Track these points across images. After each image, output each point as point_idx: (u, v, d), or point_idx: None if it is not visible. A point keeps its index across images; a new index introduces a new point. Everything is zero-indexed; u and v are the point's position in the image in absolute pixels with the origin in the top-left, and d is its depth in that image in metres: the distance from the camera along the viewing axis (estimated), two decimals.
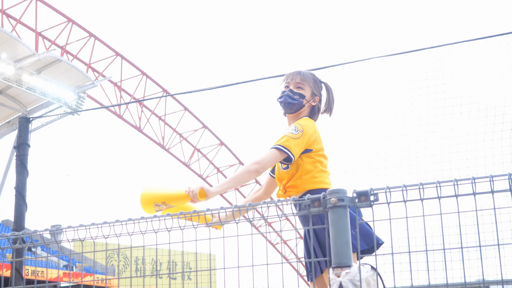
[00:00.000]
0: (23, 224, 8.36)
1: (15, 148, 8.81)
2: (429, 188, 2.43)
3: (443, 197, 2.43)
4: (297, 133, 3.85)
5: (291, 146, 3.80)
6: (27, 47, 24.33)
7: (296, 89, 4.06)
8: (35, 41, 25.80)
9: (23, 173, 8.55)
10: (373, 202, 2.51)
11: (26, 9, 25.31)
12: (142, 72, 30.26)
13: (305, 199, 2.65)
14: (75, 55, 27.52)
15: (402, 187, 2.45)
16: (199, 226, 2.99)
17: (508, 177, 2.36)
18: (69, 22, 26.72)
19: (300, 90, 4.06)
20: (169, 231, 2.92)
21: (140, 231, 2.96)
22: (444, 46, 9.23)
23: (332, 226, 2.54)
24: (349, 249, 2.52)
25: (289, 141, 3.81)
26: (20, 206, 8.36)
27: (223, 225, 3.63)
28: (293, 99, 4.03)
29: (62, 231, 3.15)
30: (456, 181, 2.40)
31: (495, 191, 2.38)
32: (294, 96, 4.04)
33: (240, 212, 3.75)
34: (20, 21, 25.38)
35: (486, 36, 9.26)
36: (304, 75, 4.10)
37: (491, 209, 2.50)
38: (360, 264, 2.55)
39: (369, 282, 2.54)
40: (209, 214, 3.08)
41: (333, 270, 2.51)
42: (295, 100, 4.03)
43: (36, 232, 3.21)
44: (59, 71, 26.17)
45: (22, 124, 8.94)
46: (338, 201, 2.53)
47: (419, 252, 2.56)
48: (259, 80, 9.28)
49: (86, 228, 3.04)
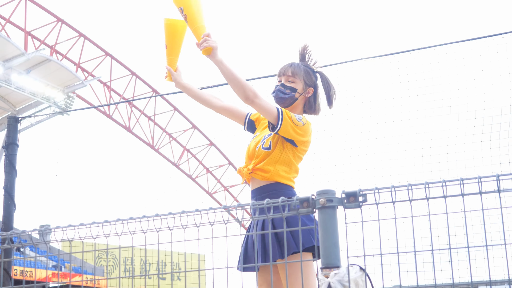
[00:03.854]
0: (12, 224, 8.34)
1: (4, 148, 8.79)
2: (417, 189, 2.44)
3: (431, 198, 2.43)
4: (298, 121, 3.80)
5: (286, 120, 3.74)
6: (16, 46, 24.24)
7: (287, 83, 3.99)
8: (25, 40, 25.72)
9: (11, 173, 8.53)
10: (362, 203, 2.51)
11: (15, 8, 25.23)
12: (132, 72, 30.21)
13: (294, 200, 2.65)
14: (65, 54, 27.45)
15: (390, 188, 2.45)
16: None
17: (496, 178, 2.36)
18: (59, 22, 26.64)
19: (292, 84, 3.98)
20: (158, 232, 2.92)
21: (129, 232, 2.95)
22: (434, 47, 9.26)
23: (320, 226, 2.54)
24: (337, 249, 2.53)
25: (289, 117, 3.77)
26: (8, 206, 8.34)
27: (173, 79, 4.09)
28: (284, 94, 3.97)
29: (51, 231, 3.14)
30: (445, 182, 2.41)
31: (484, 192, 2.38)
32: (286, 90, 3.97)
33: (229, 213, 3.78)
34: (9, 21, 25.29)
35: (483, 36, 9.28)
36: (295, 67, 4.02)
37: (479, 210, 2.51)
38: (349, 264, 2.55)
39: (358, 282, 2.54)
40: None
41: (322, 270, 2.51)
42: (286, 94, 3.96)
43: (25, 232, 3.20)
44: (49, 71, 26.09)
45: (11, 123, 8.91)
46: (327, 201, 2.53)
47: (407, 253, 2.57)
48: (251, 80, 9.28)
49: (75, 228, 3.03)
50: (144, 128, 32.06)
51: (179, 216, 2.84)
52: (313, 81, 4.03)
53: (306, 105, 4.05)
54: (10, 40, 24.00)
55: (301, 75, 4.00)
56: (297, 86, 3.99)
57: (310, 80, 4.02)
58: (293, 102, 3.99)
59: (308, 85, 4.01)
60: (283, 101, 3.98)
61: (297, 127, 3.78)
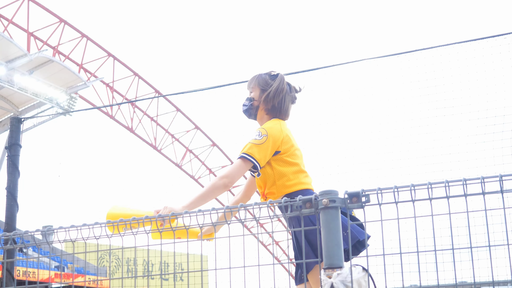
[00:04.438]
0: (14, 224, 8.33)
1: (7, 148, 8.79)
2: (420, 190, 2.44)
3: (434, 198, 2.43)
4: (260, 138, 3.77)
5: (254, 153, 3.72)
6: (19, 47, 24.25)
7: (249, 95, 4.08)
8: (27, 41, 25.73)
9: (14, 174, 8.52)
10: (365, 203, 2.51)
11: (18, 9, 25.24)
12: (134, 72, 30.21)
13: (297, 200, 2.65)
14: (67, 55, 27.46)
15: (393, 189, 2.45)
16: (192, 241, 2.97)
17: (499, 178, 2.36)
18: (61, 23, 26.65)
19: (251, 94, 4.06)
20: (160, 232, 2.92)
21: (132, 232, 2.95)
22: (437, 47, 9.24)
23: (323, 227, 2.54)
24: (340, 250, 2.52)
25: (252, 148, 3.74)
26: (11, 206, 8.34)
27: (216, 235, 3.55)
28: (245, 105, 4.04)
29: (54, 232, 3.14)
30: (448, 182, 2.40)
31: (487, 192, 2.38)
32: (245, 102, 4.05)
33: (232, 213, 3.75)
34: (12, 21, 25.30)
35: (486, 37, 9.25)
36: (251, 79, 4.10)
37: (482, 211, 2.50)
38: (351, 265, 2.55)
39: (361, 283, 2.54)
40: (196, 227, 3.01)
41: (325, 271, 2.51)
42: (246, 105, 4.04)
43: (28, 233, 3.20)
44: (51, 72, 26.09)
45: (14, 124, 8.90)
46: (330, 202, 2.52)
47: (410, 254, 2.56)
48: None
49: (78, 229, 3.03)
50: (147, 129, 32.07)
51: (182, 216, 2.84)
52: (270, 84, 4.02)
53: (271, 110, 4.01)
54: (12, 41, 24.01)
55: (256, 83, 4.06)
56: (254, 94, 4.05)
57: (266, 85, 4.02)
58: (255, 110, 4.03)
59: (265, 90, 4.01)
60: (247, 113, 4.05)
61: (265, 143, 3.76)
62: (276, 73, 4.08)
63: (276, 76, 4.04)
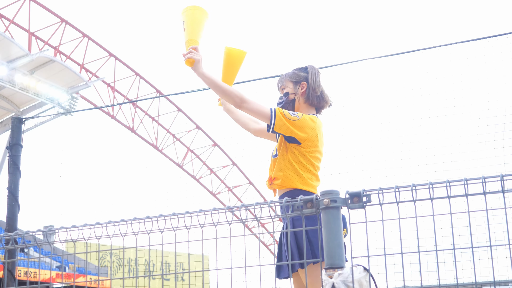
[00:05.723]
0: (16, 224, 8.34)
1: (8, 148, 8.79)
2: (421, 190, 2.43)
3: (435, 198, 2.43)
4: (292, 115, 3.82)
5: (279, 116, 3.78)
6: (20, 47, 24.27)
7: (282, 92, 4.12)
8: (28, 41, 25.75)
9: (15, 174, 8.53)
10: (366, 203, 2.51)
11: (19, 9, 25.26)
12: (136, 72, 30.24)
13: (298, 200, 2.65)
14: (68, 55, 27.48)
15: (394, 188, 2.45)
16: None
17: (500, 178, 2.36)
18: (62, 23, 26.68)
19: (284, 90, 4.10)
20: (161, 232, 2.91)
21: (133, 232, 2.95)
22: (438, 47, 9.24)
23: (324, 227, 2.53)
24: (341, 250, 2.52)
25: (281, 113, 3.81)
26: (12, 206, 8.34)
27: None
28: (282, 101, 4.07)
29: (55, 232, 3.14)
30: (449, 182, 2.40)
31: (488, 192, 2.38)
32: (281, 98, 4.10)
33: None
34: (13, 22, 25.32)
35: (487, 37, 9.23)
36: (281, 76, 4.16)
37: (483, 211, 2.50)
38: (352, 265, 2.55)
39: (362, 283, 2.54)
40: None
41: (326, 271, 2.51)
42: (282, 100, 4.07)
43: (29, 233, 3.20)
44: (52, 72, 26.11)
45: (15, 124, 8.91)
46: (331, 202, 2.52)
47: (411, 254, 2.56)
48: (253, 81, 9.26)
49: (79, 229, 3.03)
50: (148, 128, 32.11)
51: (183, 216, 2.84)
52: (303, 76, 4.08)
53: (309, 99, 4.05)
54: (14, 41, 24.03)
55: (287, 78, 4.12)
56: (288, 89, 4.09)
57: (298, 77, 4.09)
58: (293, 103, 4.07)
59: (298, 82, 4.07)
60: (286, 108, 4.05)
61: (292, 121, 3.79)
62: (304, 66, 4.15)
63: (305, 68, 4.12)
